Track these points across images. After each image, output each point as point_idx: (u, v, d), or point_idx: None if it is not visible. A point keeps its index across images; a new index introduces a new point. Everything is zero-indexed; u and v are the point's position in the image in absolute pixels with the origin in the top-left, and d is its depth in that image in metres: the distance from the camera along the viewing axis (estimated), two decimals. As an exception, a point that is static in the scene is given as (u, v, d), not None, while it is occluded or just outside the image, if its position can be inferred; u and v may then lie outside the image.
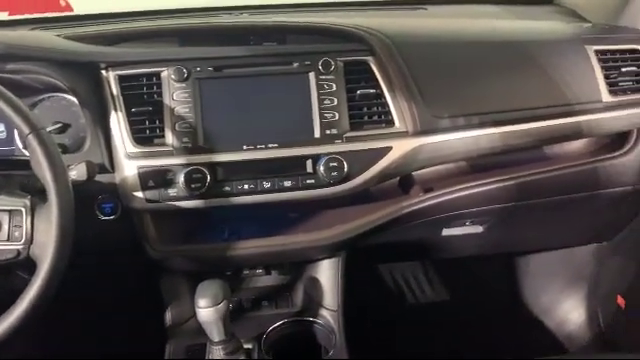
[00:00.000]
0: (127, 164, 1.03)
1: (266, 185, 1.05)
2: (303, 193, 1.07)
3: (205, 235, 1.15)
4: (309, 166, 1.06)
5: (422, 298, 1.91)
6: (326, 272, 1.25)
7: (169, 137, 1.03)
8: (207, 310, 0.96)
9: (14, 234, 0.85)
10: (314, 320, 1.22)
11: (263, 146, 1.05)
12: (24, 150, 1.08)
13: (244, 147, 1.04)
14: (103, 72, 1.05)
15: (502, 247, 1.60)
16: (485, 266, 1.83)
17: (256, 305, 1.26)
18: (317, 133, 1.06)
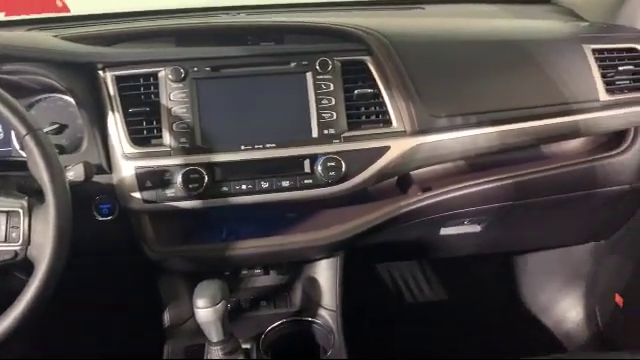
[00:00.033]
0: (124, 165, 1.02)
1: (264, 185, 1.05)
2: (301, 193, 1.06)
3: (203, 235, 1.15)
4: (307, 166, 1.06)
5: (420, 297, 1.91)
6: (324, 272, 1.25)
7: (166, 137, 1.03)
8: (205, 310, 0.96)
9: (11, 235, 0.84)
10: (312, 320, 1.22)
11: (261, 146, 1.04)
12: (21, 151, 1.08)
13: (242, 147, 1.04)
14: (100, 72, 1.04)
15: (500, 246, 1.60)
16: (483, 265, 1.84)
17: (254, 305, 1.26)
18: (315, 133, 1.06)
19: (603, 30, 1.30)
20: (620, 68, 1.21)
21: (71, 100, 1.08)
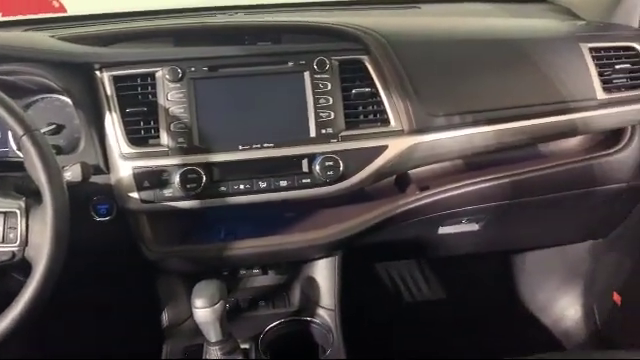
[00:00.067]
0: (122, 165, 1.02)
1: (262, 185, 1.05)
2: (299, 193, 1.06)
3: (201, 235, 1.15)
4: (305, 165, 1.06)
5: (419, 296, 1.92)
6: (323, 271, 1.25)
7: (164, 137, 1.03)
8: (204, 310, 0.95)
9: (9, 236, 0.84)
10: (311, 319, 1.22)
11: (259, 146, 1.04)
12: (18, 152, 1.08)
13: (240, 147, 1.04)
14: (97, 73, 1.04)
15: (498, 245, 1.60)
16: (481, 264, 1.84)
17: (253, 305, 1.26)
18: (313, 132, 1.06)
19: (600, 29, 1.31)
20: (617, 67, 1.21)
21: (68, 100, 1.07)
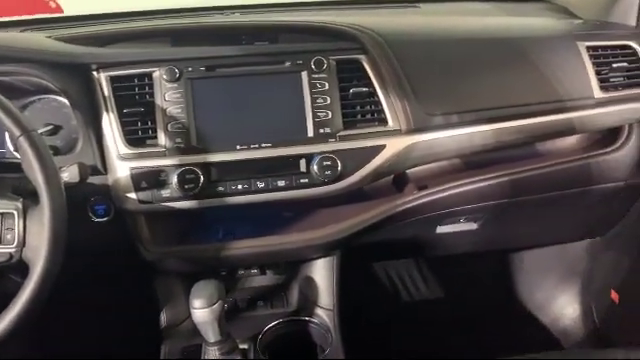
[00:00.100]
0: (119, 165, 1.02)
1: (260, 185, 1.05)
2: (297, 192, 1.06)
3: (199, 236, 1.14)
4: (303, 165, 1.06)
5: (417, 296, 1.92)
6: (321, 271, 1.25)
7: (161, 138, 1.03)
8: (202, 311, 0.95)
9: (6, 237, 0.84)
10: (310, 319, 1.22)
11: (256, 146, 1.04)
12: (15, 152, 1.07)
13: (237, 147, 1.04)
14: (94, 73, 1.04)
15: (496, 244, 1.60)
16: (479, 263, 1.84)
17: (251, 305, 1.26)
18: (310, 132, 1.06)
19: (597, 27, 1.31)
20: (614, 65, 1.21)
21: (65, 101, 1.07)
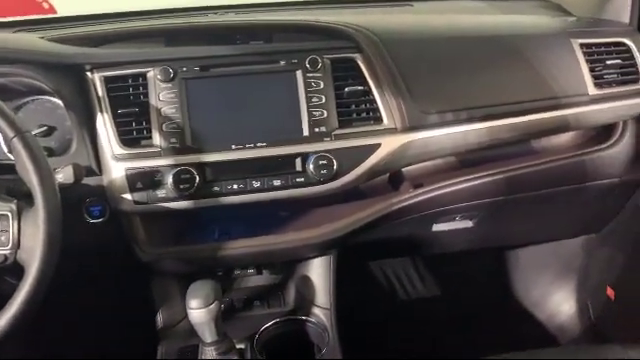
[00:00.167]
0: (114, 166, 1.02)
1: (255, 184, 1.05)
2: (293, 192, 1.06)
3: (195, 236, 1.14)
4: (298, 164, 1.06)
5: (413, 294, 1.92)
6: (317, 270, 1.25)
7: (156, 138, 1.02)
8: (199, 311, 0.95)
9: (0, 239, 0.84)
10: (306, 319, 1.22)
11: (252, 145, 1.04)
12: (9, 154, 1.07)
13: (232, 147, 1.04)
14: (88, 74, 1.04)
15: (492, 241, 1.61)
16: (475, 261, 1.84)
17: (248, 305, 1.26)
18: (306, 131, 1.05)
19: (591, 25, 1.31)
20: (608, 62, 1.22)
21: (59, 102, 1.06)
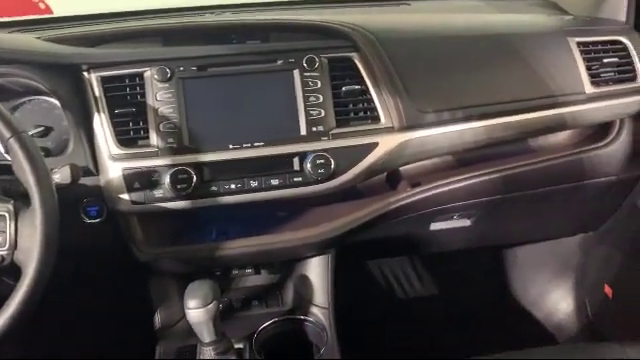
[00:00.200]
0: (111, 166, 1.02)
1: (253, 184, 1.04)
2: (290, 191, 1.06)
3: (193, 236, 1.14)
4: (296, 164, 1.05)
5: (411, 293, 1.92)
6: (316, 270, 1.25)
7: (153, 138, 1.02)
8: (197, 311, 0.95)
9: None
10: (305, 318, 1.22)
11: (249, 145, 1.04)
12: (6, 154, 1.06)
13: (230, 146, 1.03)
14: (85, 74, 1.03)
15: (490, 240, 1.61)
16: (473, 260, 1.84)
17: (246, 305, 1.26)
18: (303, 130, 1.05)
19: (587, 23, 1.31)
20: (605, 60, 1.22)
21: (56, 102, 1.06)
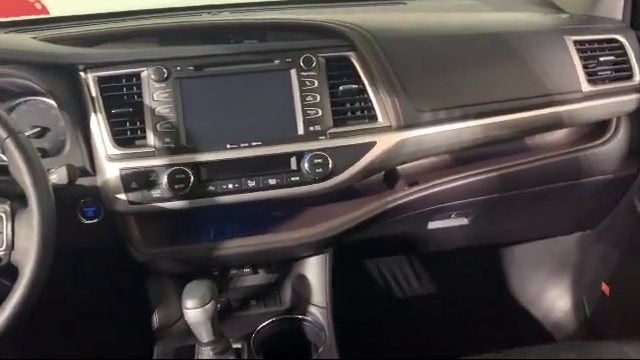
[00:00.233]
0: (108, 166, 1.01)
1: (251, 184, 1.04)
2: (288, 191, 1.06)
3: (190, 236, 1.14)
4: (293, 163, 1.05)
5: (409, 292, 1.92)
6: (314, 269, 1.25)
7: (151, 138, 1.02)
8: (195, 311, 0.95)
9: None
10: (303, 318, 1.22)
11: (247, 144, 1.04)
12: (2, 155, 1.06)
13: (227, 146, 1.03)
14: (82, 74, 1.03)
15: (487, 239, 1.61)
16: (471, 259, 1.85)
17: (244, 304, 1.26)
18: (301, 130, 1.05)
19: (583, 21, 1.32)
20: (601, 59, 1.22)
21: (52, 102, 1.06)
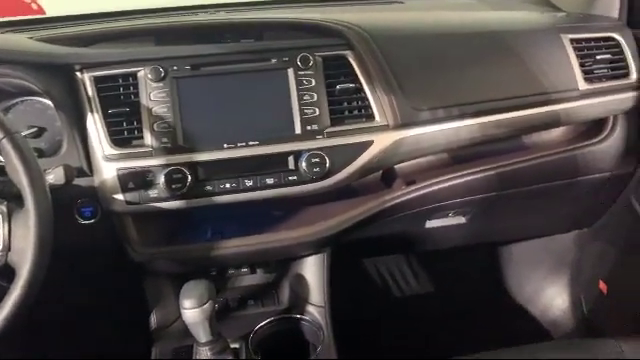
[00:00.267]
0: (105, 166, 1.01)
1: (248, 183, 1.04)
2: (285, 190, 1.06)
3: (188, 236, 1.14)
4: (291, 163, 1.05)
5: (407, 291, 1.92)
6: (311, 268, 1.25)
7: (148, 138, 1.02)
8: (193, 311, 0.95)
9: None
10: (301, 317, 1.22)
11: (244, 144, 1.04)
12: (-1, 155, 1.06)
13: (224, 145, 1.03)
14: (78, 74, 1.03)
15: (485, 237, 1.61)
16: (469, 257, 1.85)
17: (242, 304, 1.26)
18: (298, 129, 1.05)
19: (580, 20, 1.32)
20: (598, 57, 1.23)
21: (49, 103, 1.06)
